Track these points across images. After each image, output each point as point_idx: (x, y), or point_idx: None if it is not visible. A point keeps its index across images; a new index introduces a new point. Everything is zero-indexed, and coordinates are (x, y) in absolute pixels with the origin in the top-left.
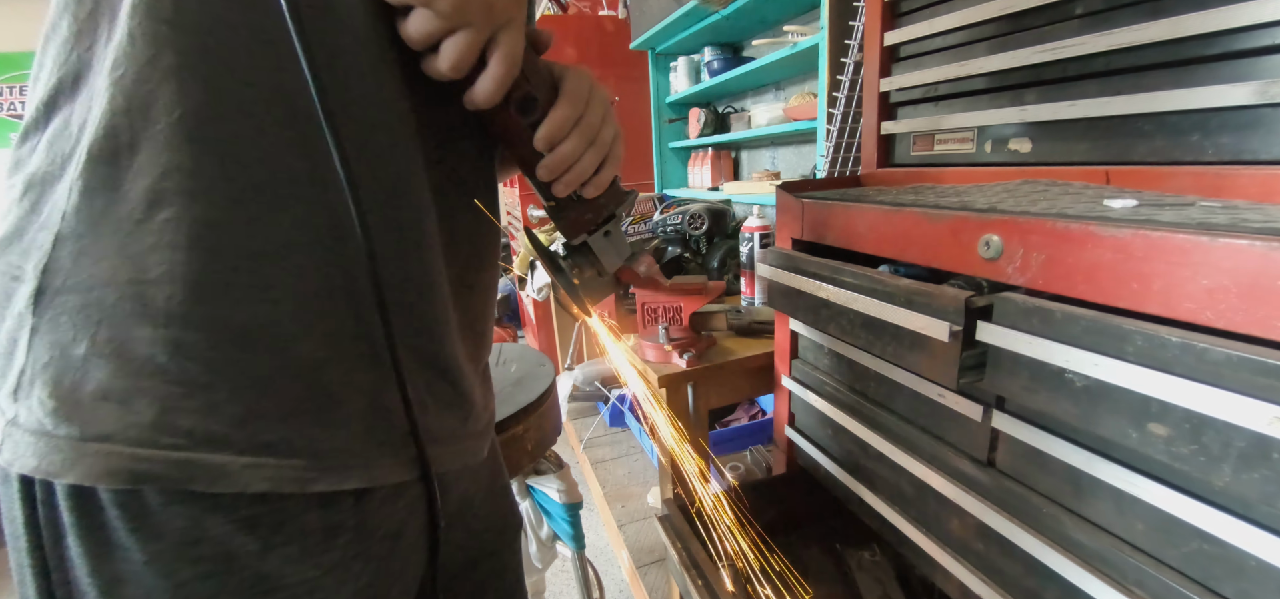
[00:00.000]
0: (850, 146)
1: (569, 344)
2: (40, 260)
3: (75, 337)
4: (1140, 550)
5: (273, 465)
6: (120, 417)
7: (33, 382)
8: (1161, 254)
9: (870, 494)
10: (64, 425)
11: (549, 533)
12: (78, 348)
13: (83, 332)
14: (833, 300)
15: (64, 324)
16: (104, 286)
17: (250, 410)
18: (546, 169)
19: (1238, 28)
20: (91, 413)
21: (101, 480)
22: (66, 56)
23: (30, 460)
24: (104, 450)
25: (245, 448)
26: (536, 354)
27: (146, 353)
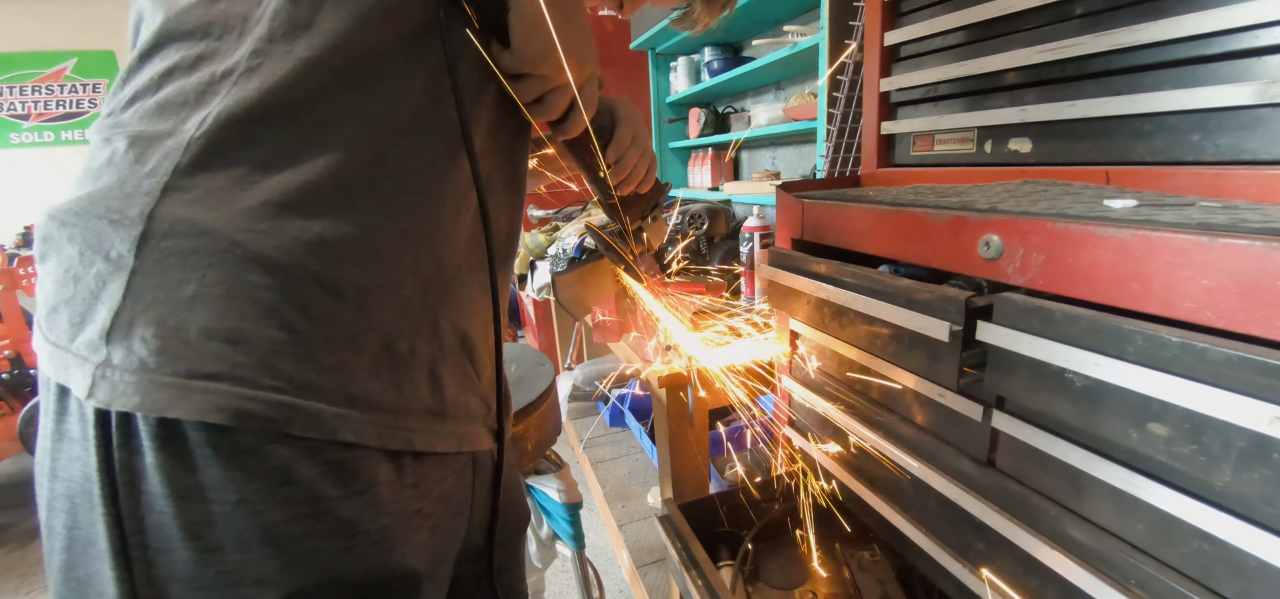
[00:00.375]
0: (850, 146)
1: (569, 344)
2: (147, 206)
3: (183, 278)
4: (1140, 550)
5: (357, 417)
6: (227, 357)
7: (133, 322)
8: (1161, 254)
9: (870, 494)
10: (169, 363)
11: (549, 533)
12: (185, 289)
13: (191, 274)
14: (833, 300)
15: (171, 266)
16: (215, 233)
17: (341, 362)
18: (617, 177)
19: (1238, 28)
20: (198, 352)
21: (208, 415)
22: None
23: (133, 398)
24: (211, 388)
25: (335, 398)
26: (536, 354)
27: (256, 297)
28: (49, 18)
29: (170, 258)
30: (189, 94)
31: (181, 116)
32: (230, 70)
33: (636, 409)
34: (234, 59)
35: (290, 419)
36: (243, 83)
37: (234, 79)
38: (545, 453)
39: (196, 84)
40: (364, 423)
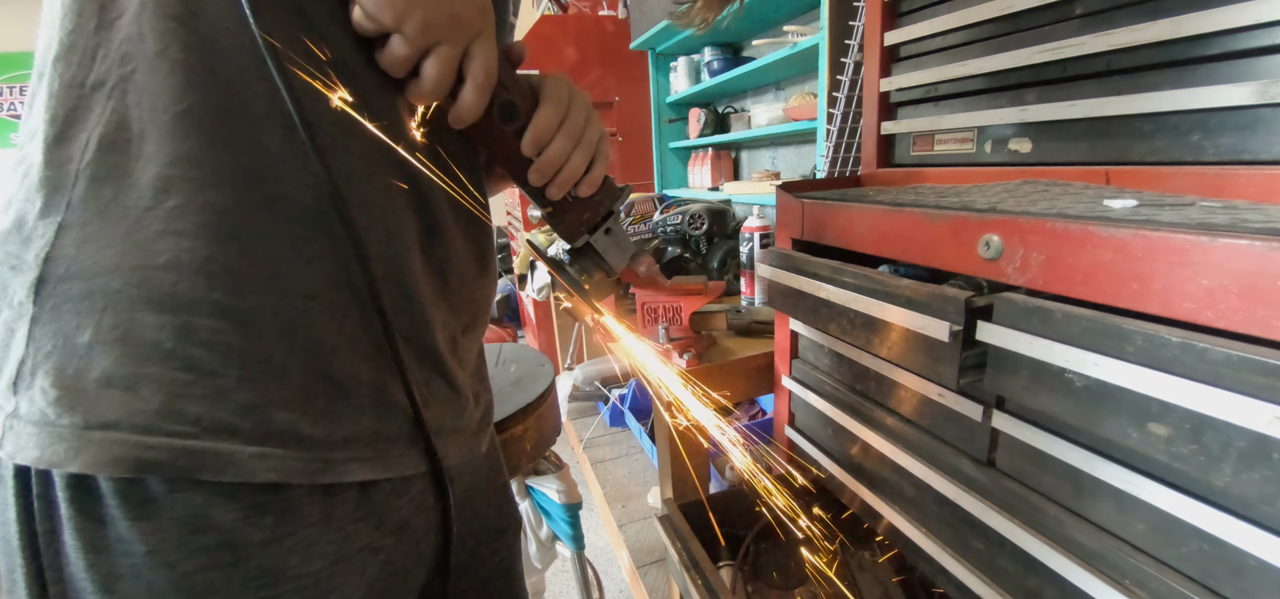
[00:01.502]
0: (850, 146)
1: (569, 344)
2: (42, 249)
3: (79, 324)
4: (1140, 550)
5: (280, 455)
6: (126, 403)
7: (35, 372)
8: (1161, 254)
9: (870, 494)
10: (67, 414)
11: (548, 533)
12: (82, 335)
13: (87, 319)
14: (833, 300)
15: (67, 312)
16: (109, 273)
17: (259, 398)
18: (537, 172)
19: (1238, 28)
20: (96, 400)
21: (106, 469)
22: (71, 54)
23: (32, 451)
24: (109, 438)
25: (253, 436)
26: (536, 354)
27: (153, 338)
28: None
29: (66, 303)
30: (64, 111)
31: (66, 140)
32: (101, 80)
33: (636, 409)
34: (102, 65)
35: (198, 464)
36: (118, 96)
37: (106, 90)
38: (544, 453)
39: (71, 98)
40: (290, 460)
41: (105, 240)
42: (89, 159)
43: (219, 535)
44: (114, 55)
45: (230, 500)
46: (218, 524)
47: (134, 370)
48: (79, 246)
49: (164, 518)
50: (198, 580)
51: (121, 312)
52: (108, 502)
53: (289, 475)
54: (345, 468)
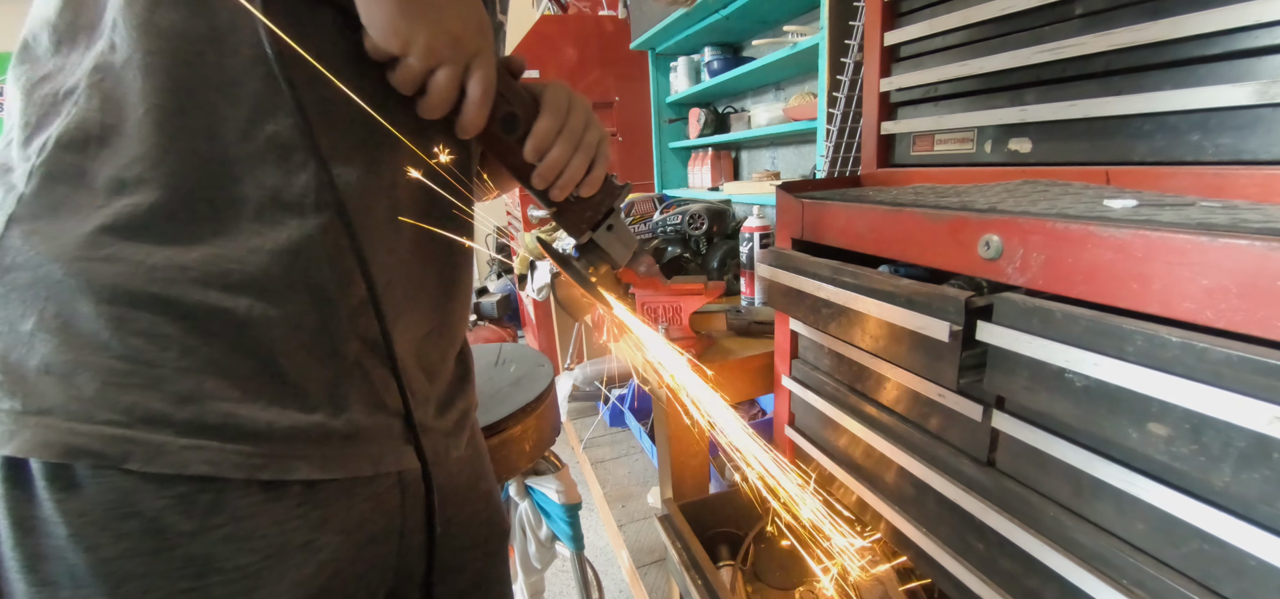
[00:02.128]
0: (850, 146)
1: (569, 344)
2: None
3: (24, 312)
4: (1140, 550)
5: (215, 448)
6: (62, 391)
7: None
8: (1161, 254)
9: (870, 494)
10: (7, 399)
11: (548, 534)
12: (25, 323)
13: (31, 307)
14: (833, 300)
15: (13, 301)
16: (53, 263)
17: (197, 391)
18: (540, 177)
19: (1238, 28)
20: (34, 387)
21: (37, 453)
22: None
23: None
24: (42, 424)
25: (187, 428)
26: (535, 354)
27: (91, 328)
28: None
29: (13, 292)
30: (34, 116)
31: (28, 142)
32: (72, 89)
33: (636, 409)
34: (76, 77)
35: (127, 453)
36: (84, 102)
37: (75, 98)
38: (544, 454)
39: (43, 104)
40: (225, 454)
41: (53, 234)
42: (45, 157)
43: (143, 523)
44: (87, 66)
45: (159, 489)
46: (143, 511)
47: (72, 358)
48: (26, 238)
49: (87, 502)
50: (119, 565)
51: (63, 301)
52: (37, 484)
53: (223, 469)
54: (287, 465)
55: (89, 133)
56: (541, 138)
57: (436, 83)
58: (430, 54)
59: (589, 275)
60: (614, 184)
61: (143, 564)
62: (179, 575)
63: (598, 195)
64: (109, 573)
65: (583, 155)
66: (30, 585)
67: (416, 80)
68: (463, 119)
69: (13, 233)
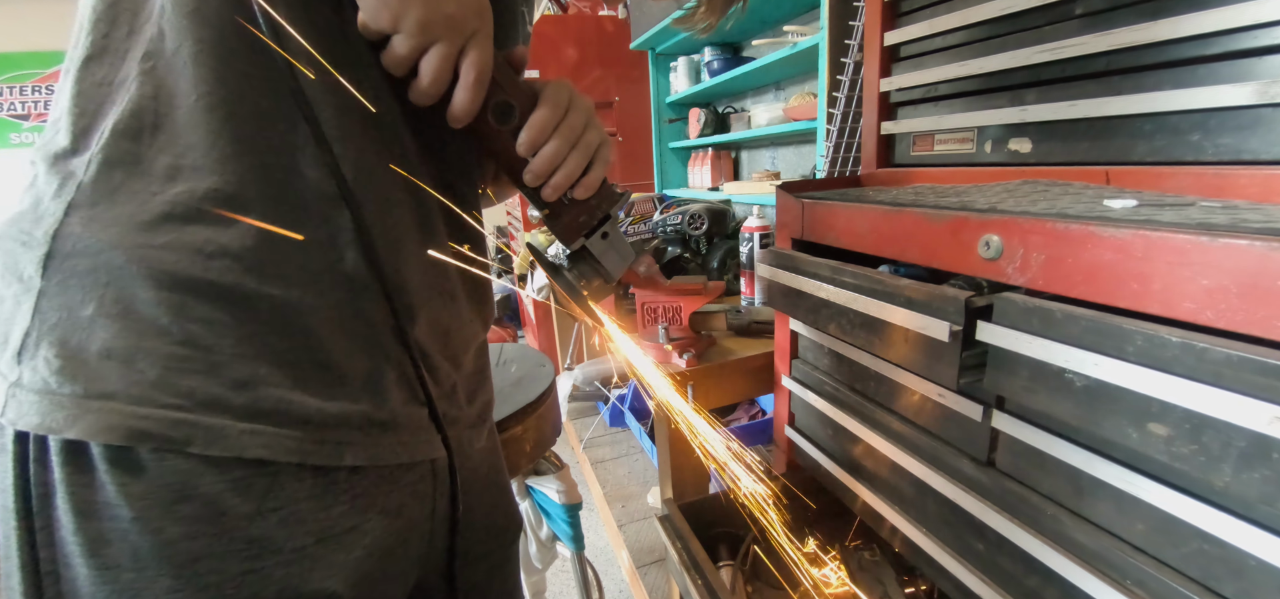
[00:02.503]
0: (850, 146)
1: (569, 344)
2: (51, 226)
3: (83, 298)
4: (1140, 550)
5: (270, 433)
6: (123, 375)
7: (39, 342)
8: (1161, 254)
9: (870, 494)
10: (68, 384)
11: (549, 533)
12: (85, 309)
13: (91, 293)
14: (833, 300)
15: (73, 287)
16: (113, 250)
17: (252, 376)
18: (532, 173)
19: (1238, 28)
20: (96, 371)
21: (100, 436)
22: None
23: (33, 418)
24: (105, 408)
25: (244, 413)
26: (536, 354)
27: (151, 314)
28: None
29: (72, 278)
30: (91, 106)
31: (85, 131)
32: (125, 77)
33: (636, 409)
34: (128, 65)
35: (189, 436)
36: (137, 89)
37: (128, 85)
38: (544, 454)
39: (98, 94)
40: (279, 438)
41: (112, 220)
42: (103, 143)
43: (204, 504)
44: (137, 54)
45: (218, 472)
46: (203, 494)
47: (132, 343)
48: (86, 224)
49: (151, 485)
50: (181, 547)
51: (123, 287)
52: (99, 468)
53: (278, 453)
54: (335, 451)
55: (144, 120)
56: (537, 131)
57: (427, 63)
58: (422, 31)
59: (579, 286)
60: (612, 190)
61: (205, 545)
62: (240, 556)
63: (593, 199)
64: (173, 554)
65: (580, 154)
66: (93, 569)
67: (407, 61)
68: (454, 103)
69: (72, 220)
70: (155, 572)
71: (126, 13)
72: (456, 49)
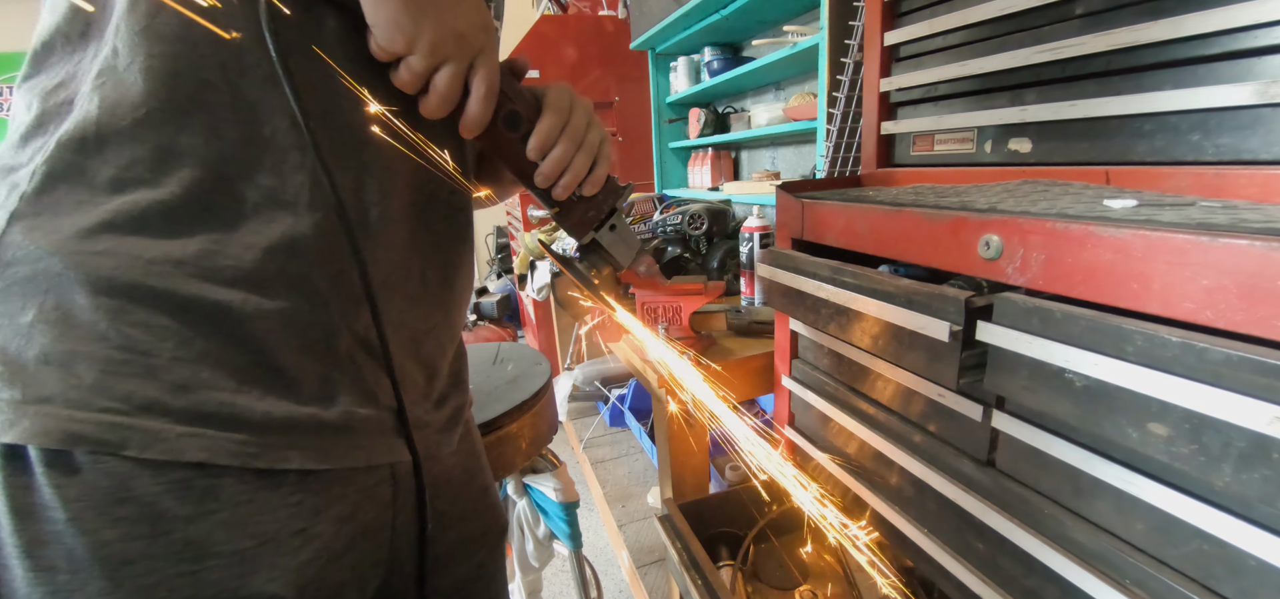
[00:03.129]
0: (850, 146)
1: (568, 344)
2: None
3: (24, 305)
4: (1140, 550)
5: (211, 436)
6: (61, 380)
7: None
8: (1161, 254)
9: (870, 494)
10: (7, 389)
11: (546, 532)
12: (25, 315)
13: (31, 300)
14: (833, 300)
15: (14, 294)
16: (52, 256)
17: (193, 380)
18: (542, 175)
19: (1238, 28)
20: (34, 376)
21: (36, 440)
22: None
23: None
24: (42, 412)
25: (183, 416)
26: (533, 352)
27: (89, 320)
28: None
29: (13, 286)
30: (47, 120)
31: (35, 143)
32: (79, 92)
33: (636, 409)
34: (85, 81)
35: (125, 439)
36: (85, 104)
37: (81, 100)
38: (541, 451)
39: (58, 112)
40: (220, 442)
41: (53, 229)
42: (47, 155)
43: (140, 507)
44: (92, 71)
45: (155, 474)
46: (140, 497)
47: (70, 348)
48: (27, 234)
49: (86, 487)
50: (116, 548)
51: (62, 293)
52: (36, 471)
53: (218, 456)
54: (281, 455)
55: (87, 133)
56: (545, 136)
57: (440, 81)
58: (434, 52)
59: (592, 277)
60: (616, 184)
61: (140, 547)
62: (176, 559)
63: (600, 195)
64: (107, 557)
65: (585, 154)
66: (29, 570)
67: (420, 79)
68: (466, 116)
69: (14, 229)
70: (89, 573)
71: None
72: (466, 65)
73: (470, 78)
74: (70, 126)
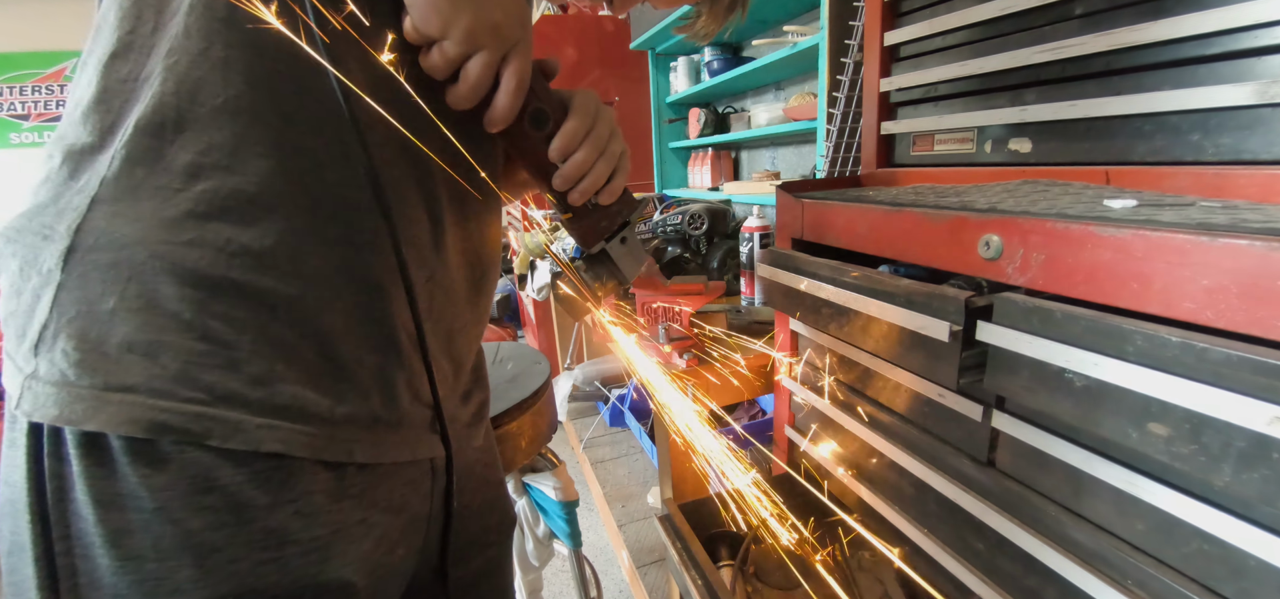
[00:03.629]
0: (850, 146)
1: (569, 344)
2: (74, 220)
3: (104, 292)
4: (1140, 550)
5: (287, 428)
6: (144, 368)
7: (57, 335)
8: (1161, 254)
9: (870, 494)
10: (87, 376)
11: (546, 531)
12: (106, 302)
13: (112, 287)
14: (833, 300)
15: (93, 280)
16: (136, 245)
17: (269, 373)
18: (562, 178)
19: (1238, 28)
20: (116, 364)
21: (122, 428)
22: (127, 52)
23: (51, 409)
24: (127, 401)
25: (261, 408)
26: (533, 352)
27: (174, 309)
28: (49, 18)
29: (93, 271)
30: (116, 102)
31: (109, 126)
32: (149, 73)
33: (636, 409)
34: (152, 61)
35: (209, 430)
36: (160, 85)
37: (152, 81)
38: (540, 450)
39: (124, 90)
40: (295, 434)
41: (135, 216)
42: (126, 140)
43: (224, 496)
44: (161, 51)
45: (237, 465)
46: (223, 486)
47: (154, 338)
48: (109, 219)
49: (172, 477)
50: (203, 537)
51: (145, 282)
52: (119, 460)
53: (293, 448)
54: (347, 447)
55: (166, 116)
56: (569, 138)
57: (472, 69)
58: (469, 39)
59: (595, 287)
60: (631, 197)
61: (226, 535)
62: (259, 545)
63: (615, 205)
64: (195, 544)
65: (606, 162)
66: (116, 559)
67: (451, 65)
68: (494, 109)
69: (95, 214)
70: (178, 561)
71: (151, 8)
72: (499, 57)
73: (501, 70)
74: (147, 110)
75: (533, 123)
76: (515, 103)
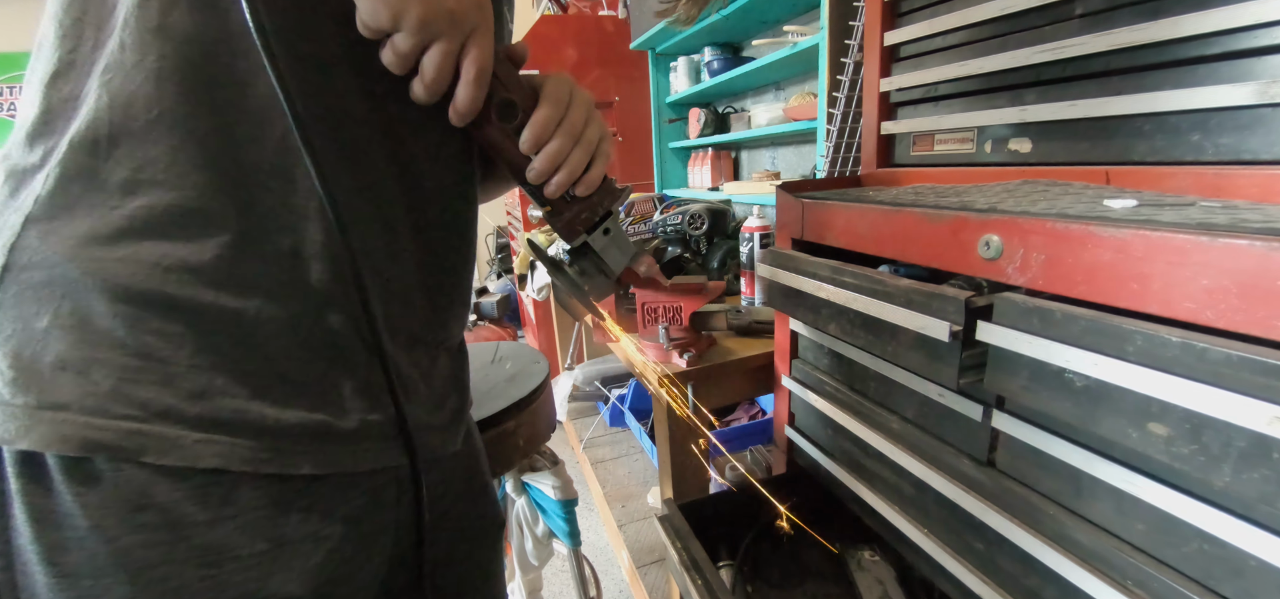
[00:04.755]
0: (850, 146)
1: (569, 344)
2: (8, 240)
3: (38, 310)
4: (1140, 550)
5: (226, 443)
6: (77, 386)
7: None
8: (1161, 254)
9: (870, 494)
10: (21, 394)
11: (545, 530)
12: (40, 321)
13: (46, 305)
14: (833, 300)
15: (28, 299)
16: (69, 262)
17: (208, 387)
18: (535, 171)
19: (1238, 28)
20: (50, 382)
21: (53, 446)
22: (68, 71)
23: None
24: (59, 418)
25: (200, 423)
26: (532, 351)
27: (107, 326)
28: None
29: (27, 291)
30: (57, 121)
31: (48, 143)
32: (87, 91)
33: (636, 409)
34: (90, 79)
35: (143, 447)
36: (95, 102)
37: (88, 98)
38: (538, 449)
39: (65, 109)
40: (235, 448)
41: (69, 233)
42: (61, 158)
43: (160, 513)
44: (98, 68)
45: (174, 481)
46: (159, 503)
47: (87, 355)
48: (43, 237)
49: (106, 494)
50: (138, 554)
51: (78, 299)
52: (55, 478)
53: (233, 462)
54: (292, 460)
55: (100, 132)
56: (540, 129)
57: (429, 61)
58: (423, 28)
59: (582, 283)
60: (613, 185)
61: (161, 553)
62: (196, 563)
63: (595, 196)
64: (129, 562)
65: (582, 150)
66: (51, 577)
67: (408, 58)
68: (457, 101)
69: (29, 233)
70: (113, 579)
71: (92, 27)
72: (458, 45)
73: (462, 59)
74: (82, 127)
75: (500, 114)
76: (478, 93)
